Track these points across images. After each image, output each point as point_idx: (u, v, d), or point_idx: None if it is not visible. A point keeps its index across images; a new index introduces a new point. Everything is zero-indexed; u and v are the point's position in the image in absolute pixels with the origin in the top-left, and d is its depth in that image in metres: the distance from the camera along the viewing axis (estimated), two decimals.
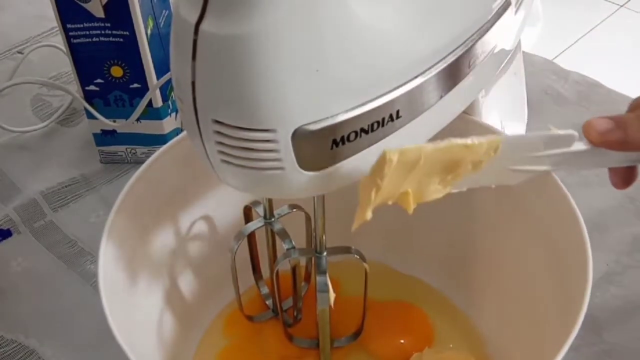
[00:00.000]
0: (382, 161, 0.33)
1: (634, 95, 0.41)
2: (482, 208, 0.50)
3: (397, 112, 0.34)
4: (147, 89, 0.62)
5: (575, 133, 0.38)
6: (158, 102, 0.63)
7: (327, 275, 0.44)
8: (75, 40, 0.60)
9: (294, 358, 0.51)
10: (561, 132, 0.37)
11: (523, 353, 0.46)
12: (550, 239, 0.44)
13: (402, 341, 0.51)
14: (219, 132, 0.32)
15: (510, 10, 0.40)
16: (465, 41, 0.37)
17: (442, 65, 0.35)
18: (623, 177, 0.40)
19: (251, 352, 0.52)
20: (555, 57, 1.63)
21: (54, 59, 0.78)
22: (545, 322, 0.43)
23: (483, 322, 0.52)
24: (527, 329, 0.46)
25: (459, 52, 0.36)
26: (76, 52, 0.60)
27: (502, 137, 0.36)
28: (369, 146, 0.34)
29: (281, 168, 0.33)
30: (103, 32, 0.59)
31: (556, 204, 0.43)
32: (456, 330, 0.52)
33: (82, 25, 0.59)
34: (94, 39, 0.59)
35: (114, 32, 0.59)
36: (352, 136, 0.33)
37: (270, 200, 0.46)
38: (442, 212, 0.45)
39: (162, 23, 0.63)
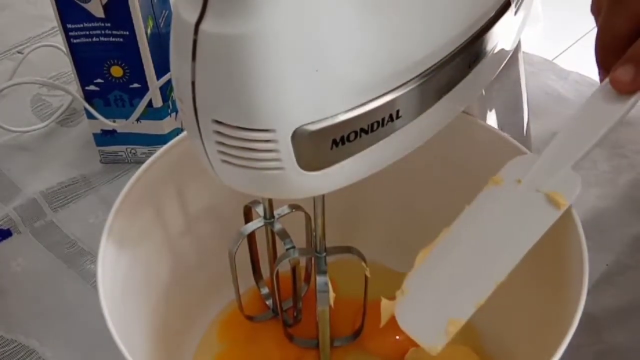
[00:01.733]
0: None
1: None
2: None
3: (397, 112, 0.34)
4: (147, 89, 0.62)
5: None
6: (158, 102, 0.63)
7: (327, 275, 0.44)
8: (75, 40, 0.60)
9: (294, 358, 0.51)
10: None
11: (521, 350, 0.46)
12: (547, 237, 0.44)
13: (397, 337, 0.51)
14: (218, 132, 0.32)
15: (510, 10, 0.40)
16: (465, 41, 0.36)
17: (442, 66, 0.35)
18: None
19: (251, 352, 0.52)
20: (555, 57, 1.63)
21: (54, 59, 0.78)
22: (543, 320, 0.43)
23: (480, 318, 0.52)
24: (525, 326, 0.46)
25: (458, 53, 0.36)
26: (76, 52, 0.60)
27: None
28: (369, 146, 0.34)
29: (281, 168, 0.33)
30: (103, 32, 0.59)
31: None
32: None
33: (82, 25, 0.59)
34: (94, 39, 0.59)
35: (114, 32, 0.59)
36: (352, 136, 0.33)
37: (270, 200, 0.46)
38: (441, 212, 0.45)
39: (162, 23, 0.63)
